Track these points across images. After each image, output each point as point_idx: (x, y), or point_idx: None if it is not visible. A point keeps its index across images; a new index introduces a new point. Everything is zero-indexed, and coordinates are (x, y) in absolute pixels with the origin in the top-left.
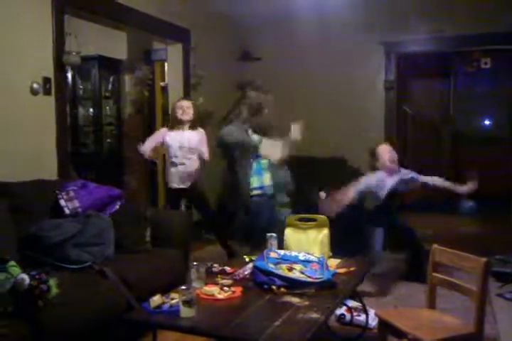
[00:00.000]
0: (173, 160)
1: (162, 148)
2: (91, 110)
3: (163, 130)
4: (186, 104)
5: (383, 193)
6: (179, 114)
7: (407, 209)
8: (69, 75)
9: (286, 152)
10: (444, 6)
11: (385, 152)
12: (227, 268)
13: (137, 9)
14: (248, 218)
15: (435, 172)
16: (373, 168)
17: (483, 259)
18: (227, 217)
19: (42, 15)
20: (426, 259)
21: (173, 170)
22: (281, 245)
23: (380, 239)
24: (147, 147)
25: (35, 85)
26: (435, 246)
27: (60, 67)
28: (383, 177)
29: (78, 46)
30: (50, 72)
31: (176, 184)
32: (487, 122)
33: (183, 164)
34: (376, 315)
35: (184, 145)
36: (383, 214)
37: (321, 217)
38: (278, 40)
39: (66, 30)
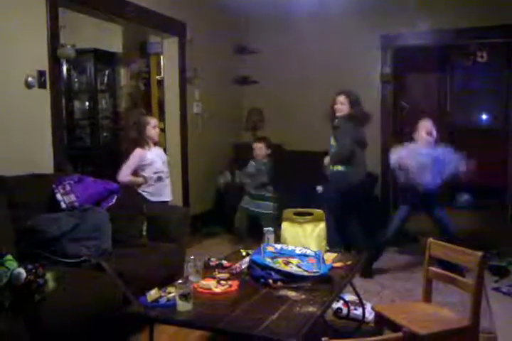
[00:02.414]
0: (160, 175)
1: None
2: (87, 104)
3: (140, 150)
4: (156, 121)
5: (412, 164)
6: (154, 132)
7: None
8: (64, 69)
9: None
10: None
11: (424, 125)
12: (224, 262)
13: (133, 2)
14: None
15: None
16: None
17: (479, 253)
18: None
19: (36, 8)
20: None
21: (159, 185)
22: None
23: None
24: (127, 172)
25: (29, 79)
26: (431, 239)
27: (54, 60)
28: (416, 147)
29: (73, 39)
30: (44, 65)
31: (167, 197)
32: (484, 116)
33: (167, 177)
34: (373, 308)
35: (164, 160)
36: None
37: (318, 211)
38: (274, 34)
39: (61, 23)
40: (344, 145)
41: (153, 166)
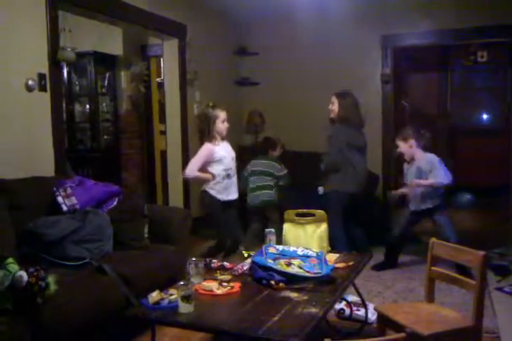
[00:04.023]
0: (229, 172)
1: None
2: (87, 106)
3: (209, 145)
4: (225, 115)
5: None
6: (224, 127)
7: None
8: (64, 72)
9: None
10: None
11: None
12: (226, 264)
13: (133, 4)
14: None
15: None
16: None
17: (481, 253)
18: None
19: (36, 11)
20: None
21: (227, 181)
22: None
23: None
24: (195, 168)
25: (30, 82)
26: (433, 239)
27: (55, 63)
28: (406, 166)
29: (73, 42)
30: (45, 68)
31: (234, 195)
32: (484, 115)
33: (234, 174)
34: (375, 309)
35: (233, 156)
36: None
37: (320, 212)
38: (275, 35)
39: (61, 26)
40: (329, 154)
41: (222, 162)
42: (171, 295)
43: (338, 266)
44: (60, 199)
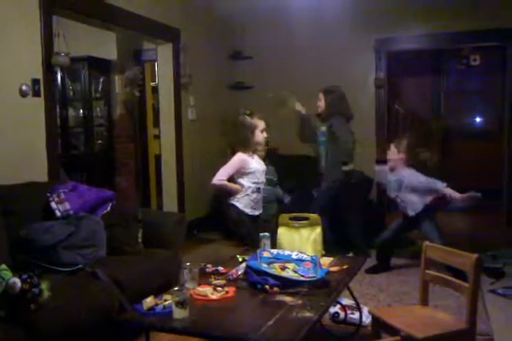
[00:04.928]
0: (259, 186)
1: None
2: (81, 111)
3: (242, 155)
4: (264, 124)
5: (385, 185)
6: (263, 137)
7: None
8: (58, 76)
9: None
10: (434, 3)
11: (388, 150)
12: (221, 269)
13: (126, 9)
14: None
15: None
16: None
17: (475, 255)
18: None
19: (30, 16)
20: None
21: (256, 195)
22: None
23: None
24: (224, 177)
25: (23, 87)
26: (426, 243)
27: (49, 68)
28: (386, 170)
29: (67, 47)
30: (39, 73)
31: (260, 210)
32: (477, 119)
33: (263, 189)
34: (370, 312)
35: (264, 169)
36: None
37: (314, 216)
38: (269, 39)
39: (55, 31)
40: (347, 141)
41: (255, 175)
42: (166, 300)
43: (332, 270)
44: (53, 204)
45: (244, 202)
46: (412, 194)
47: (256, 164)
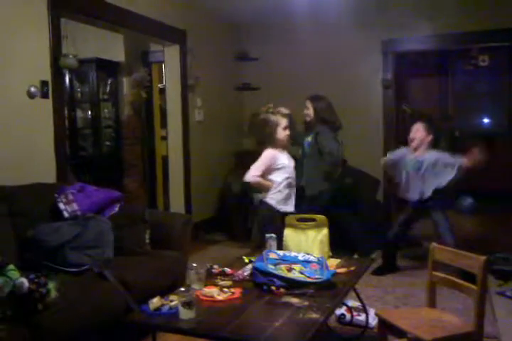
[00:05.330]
0: (290, 181)
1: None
2: (89, 113)
3: (271, 151)
4: (287, 122)
5: (401, 170)
6: (285, 135)
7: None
8: (66, 78)
9: None
10: (441, 3)
11: (413, 130)
12: (227, 270)
13: (134, 11)
14: None
15: None
16: None
17: (483, 257)
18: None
19: (38, 18)
20: None
21: (288, 191)
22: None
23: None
24: (258, 173)
25: (32, 89)
26: (434, 244)
27: (57, 70)
28: (406, 153)
29: (75, 49)
30: (47, 75)
31: (292, 207)
32: (486, 120)
33: (295, 185)
34: (376, 314)
35: (293, 165)
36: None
37: (321, 217)
38: (275, 40)
39: (63, 34)
40: (331, 153)
41: (285, 170)
42: (172, 301)
43: (339, 271)
44: (61, 205)
45: (276, 199)
46: (431, 174)
47: (285, 159)
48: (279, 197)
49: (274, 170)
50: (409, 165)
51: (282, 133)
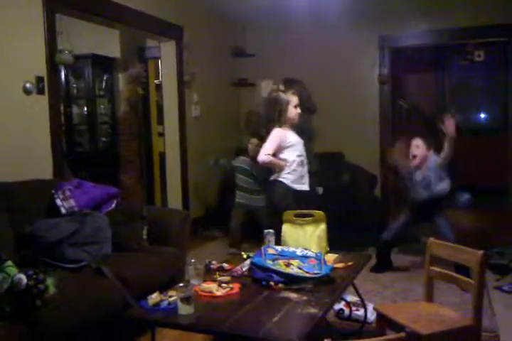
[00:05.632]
0: (302, 159)
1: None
2: (85, 109)
3: (279, 130)
4: (298, 100)
5: (411, 184)
6: (296, 113)
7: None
8: (62, 74)
9: None
10: None
11: (412, 145)
12: (225, 265)
13: (129, 7)
14: None
15: None
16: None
17: (480, 252)
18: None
19: (33, 14)
20: None
21: (301, 169)
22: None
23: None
24: (270, 152)
25: (27, 85)
26: (431, 239)
27: (52, 66)
28: (412, 168)
29: (71, 45)
30: (42, 71)
31: (307, 185)
32: (482, 115)
33: (307, 163)
34: (374, 309)
35: (302, 143)
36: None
37: (318, 213)
38: (272, 36)
39: (58, 29)
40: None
41: (296, 148)
42: (171, 296)
43: (337, 266)
44: (58, 201)
45: (290, 178)
46: (437, 179)
47: (295, 137)
48: (292, 176)
49: (285, 149)
50: (421, 184)
51: (293, 111)
